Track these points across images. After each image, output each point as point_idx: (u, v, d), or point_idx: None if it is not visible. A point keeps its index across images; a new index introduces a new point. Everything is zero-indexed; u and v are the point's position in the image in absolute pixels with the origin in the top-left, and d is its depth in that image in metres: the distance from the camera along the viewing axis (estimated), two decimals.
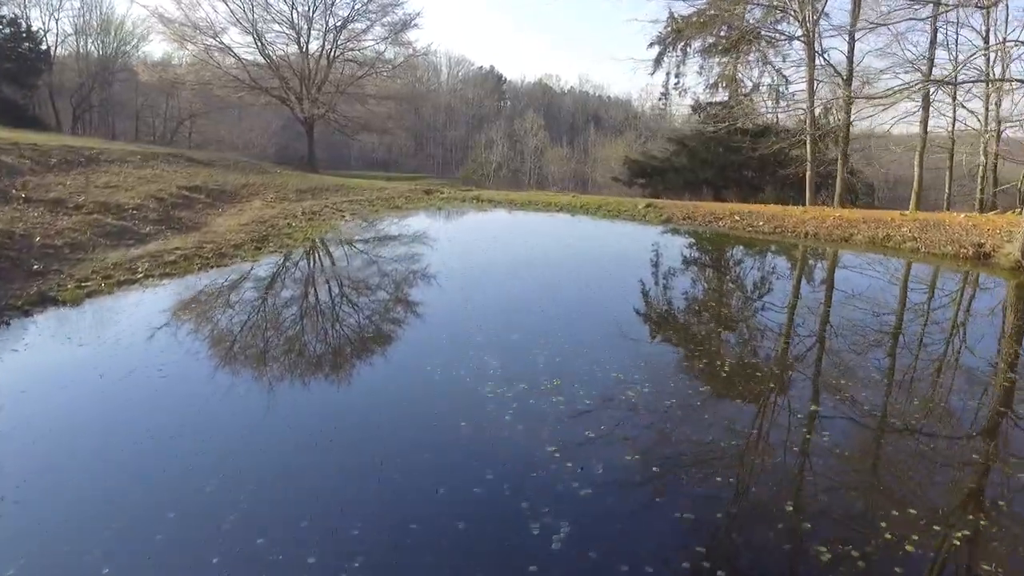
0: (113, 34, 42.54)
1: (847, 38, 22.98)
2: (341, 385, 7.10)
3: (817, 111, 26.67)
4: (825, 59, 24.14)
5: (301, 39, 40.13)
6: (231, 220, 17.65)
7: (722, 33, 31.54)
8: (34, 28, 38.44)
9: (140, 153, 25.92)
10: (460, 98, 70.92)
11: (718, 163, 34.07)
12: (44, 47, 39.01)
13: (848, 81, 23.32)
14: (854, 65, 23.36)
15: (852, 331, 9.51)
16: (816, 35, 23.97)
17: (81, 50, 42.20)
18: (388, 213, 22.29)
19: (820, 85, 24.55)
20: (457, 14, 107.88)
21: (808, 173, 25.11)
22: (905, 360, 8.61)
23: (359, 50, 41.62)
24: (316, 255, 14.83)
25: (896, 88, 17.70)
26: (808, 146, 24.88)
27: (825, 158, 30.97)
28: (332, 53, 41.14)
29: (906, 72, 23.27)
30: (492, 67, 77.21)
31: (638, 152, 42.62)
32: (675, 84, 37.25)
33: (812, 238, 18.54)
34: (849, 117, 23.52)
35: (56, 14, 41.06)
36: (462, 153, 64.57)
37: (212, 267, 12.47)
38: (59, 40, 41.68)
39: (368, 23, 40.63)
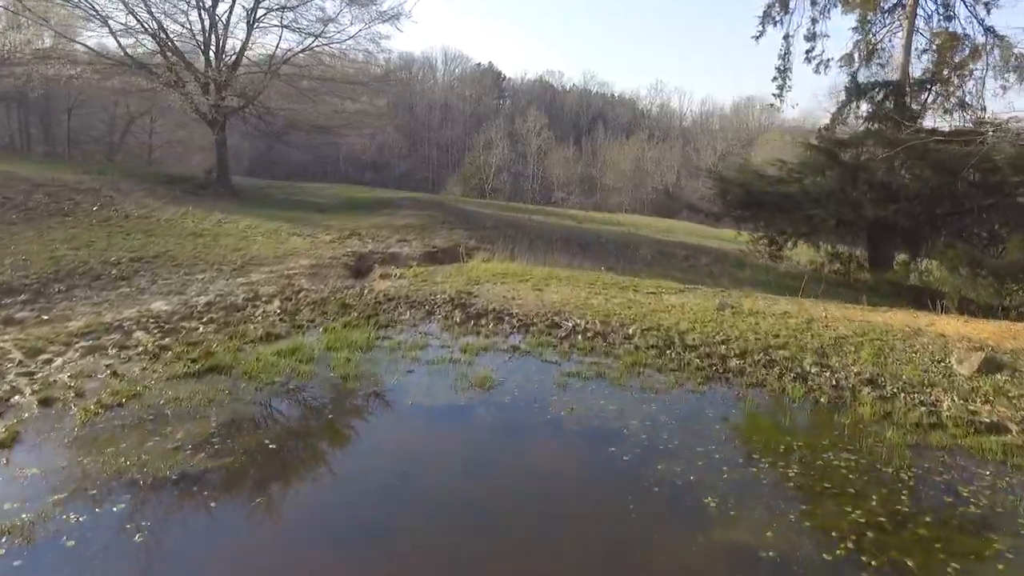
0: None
1: None
2: None
3: None
4: None
5: None
6: None
7: None
8: None
9: None
10: (457, 95, 66.26)
11: (904, 193, 19.01)
12: None
13: None
14: None
15: None
16: None
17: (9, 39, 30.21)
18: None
19: None
20: (453, 9, 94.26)
21: None
22: None
23: (295, 9, 26.65)
24: None
25: None
26: None
27: None
28: (253, 15, 26.35)
29: None
30: (491, 63, 71.94)
31: (735, 167, 27.40)
32: (807, 53, 22.17)
33: None
34: None
35: None
36: (459, 154, 59.48)
37: None
38: None
39: None
